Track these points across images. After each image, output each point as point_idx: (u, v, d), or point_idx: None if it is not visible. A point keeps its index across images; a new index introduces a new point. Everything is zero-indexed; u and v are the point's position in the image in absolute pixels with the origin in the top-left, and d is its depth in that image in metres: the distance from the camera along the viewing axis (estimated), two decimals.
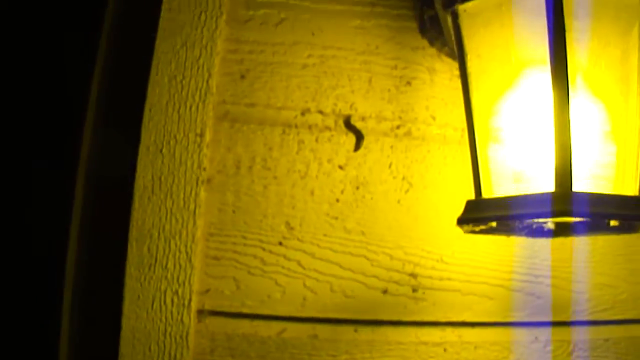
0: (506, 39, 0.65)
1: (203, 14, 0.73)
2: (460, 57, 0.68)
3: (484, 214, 0.60)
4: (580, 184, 0.59)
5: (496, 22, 0.66)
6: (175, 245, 0.72)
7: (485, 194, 0.61)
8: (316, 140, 0.77)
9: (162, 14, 0.76)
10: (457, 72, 0.78)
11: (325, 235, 0.75)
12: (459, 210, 0.71)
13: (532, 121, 0.63)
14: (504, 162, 0.63)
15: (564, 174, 0.57)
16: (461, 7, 0.65)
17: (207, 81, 0.74)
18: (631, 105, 0.61)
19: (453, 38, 0.70)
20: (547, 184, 0.58)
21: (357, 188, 0.76)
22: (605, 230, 0.65)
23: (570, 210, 0.54)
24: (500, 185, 0.62)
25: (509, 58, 0.65)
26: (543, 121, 0.62)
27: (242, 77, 0.77)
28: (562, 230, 0.63)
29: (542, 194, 0.57)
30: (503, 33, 0.66)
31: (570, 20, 0.60)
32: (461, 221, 0.62)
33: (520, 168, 0.62)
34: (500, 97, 0.67)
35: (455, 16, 0.66)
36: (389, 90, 0.80)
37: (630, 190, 0.60)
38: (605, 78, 0.62)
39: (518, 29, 0.65)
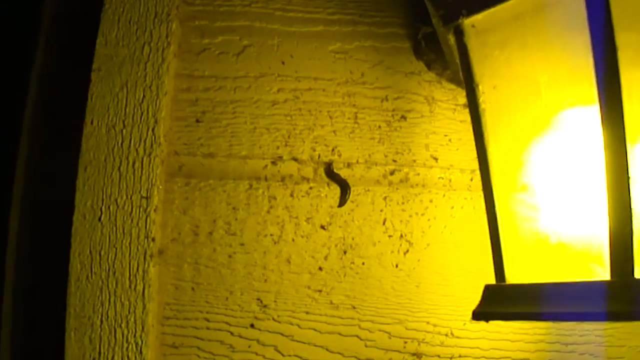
0: (532, 64, 0.57)
1: (147, 46, 0.70)
2: (469, 89, 0.59)
3: (509, 309, 0.48)
4: None
5: (517, 41, 0.58)
6: (122, 334, 0.64)
7: (511, 278, 0.50)
8: (291, 195, 0.69)
9: (97, 49, 0.68)
10: (462, 101, 0.74)
11: (307, 312, 0.68)
12: (470, 272, 0.68)
13: (573, 177, 0.54)
14: (535, 233, 0.56)
15: (623, 254, 0.43)
16: (467, 22, 0.54)
17: (153, 129, 0.67)
18: None
19: (458, 62, 0.61)
20: (598, 267, 0.43)
21: (345, 252, 0.69)
22: None
23: (634, 311, 0.39)
24: (530, 265, 0.51)
25: (537, 90, 0.56)
26: (590, 177, 0.51)
27: (198, 121, 0.69)
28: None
29: (593, 284, 0.41)
30: (527, 56, 0.57)
31: (625, 33, 0.45)
32: (479, 316, 0.48)
33: (558, 241, 0.52)
34: (528, 143, 0.57)
35: (460, 34, 0.59)
36: (379, 127, 0.72)
37: None
38: None
39: (549, 50, 0.51)
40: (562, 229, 0.52)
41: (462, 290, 0.69)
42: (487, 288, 0.55)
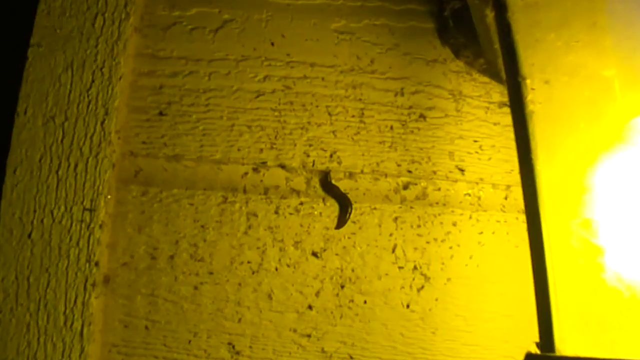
0: (602, 54, 0.44)
1: (100, 17, 0.57)
2: (512, 83, 0.46)
3: None
4: None
5: (581, 20, 0.44)
6: None
7: (562, 347, 0.40)
8: (276, 211, 0.56)
9: (38, 20, 0.56)
10: (497, 98, 0.60)
11: None
12: (502, 316, 0.56)
13: None
14: (599, 287, 0.42)
15: None
16: None
17: (103, 123, 0.54)
18: None
19: (497, 47, 0.49)
20: None
21: (342, 287, 0.56)
22: None
23: None
24: (591, 332, 0.41)
25: (609, 89, 0.44)
26: None
27: (161, 114, 0.57)
28: None
29: None
30: (596, 41, 0.44)
31: None
32: None
33: (632, 299, 0.41)
34: (594, 161, 0.44)
35: (502, 9, 0.46)
36: (391, 128, 0.59)
37: None
38: None
39: (627, 35, 0.44)
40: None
41: (491, 339, 0.56)
42: (530, 358, 0.41)
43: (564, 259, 0.44)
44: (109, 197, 0.53)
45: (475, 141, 0.59)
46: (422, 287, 0.56)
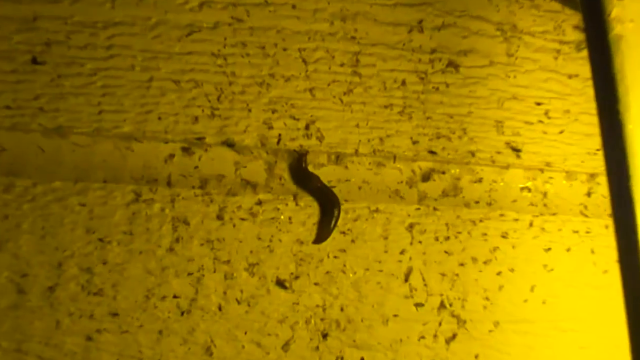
0: None
1: None
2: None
3: None
4: None
5: None
6: None
7: None
8: (219, 216, 0.40)
9: None
10: (573, 36, 0.43)
11: None
12: None
13: None
14: None
15: None
16: None
17: None
18: None
19: None
20: None
21: (325, 335, 0.40)
22: None
23: None
24: None
25: None
26: None
27: (36, 62, 0.41)
28: None
29: None
30: None
31: None
32: None
33: None
34: None
35: None
36: (402, 83, 0.42)
37: None
38: None
39: None
40: None
41: None
42: None
43: None
44: None
45: (538, 104, 0.42)
46: (454, 336, 0.40)
